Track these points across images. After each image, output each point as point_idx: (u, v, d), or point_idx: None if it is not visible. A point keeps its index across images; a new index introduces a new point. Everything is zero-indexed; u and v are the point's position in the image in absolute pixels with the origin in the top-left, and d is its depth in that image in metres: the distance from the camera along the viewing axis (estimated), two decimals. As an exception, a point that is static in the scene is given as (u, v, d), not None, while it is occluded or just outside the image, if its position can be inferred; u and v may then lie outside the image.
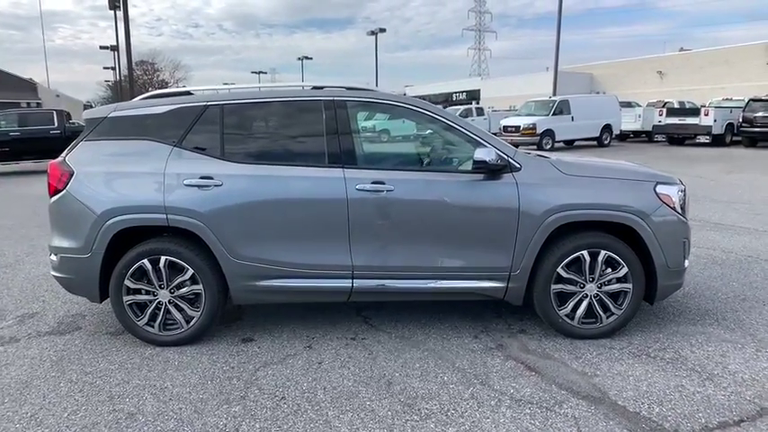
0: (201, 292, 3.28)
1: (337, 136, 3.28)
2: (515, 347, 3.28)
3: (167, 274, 3.26)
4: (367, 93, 3.43)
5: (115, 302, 3.31)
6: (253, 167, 3.25)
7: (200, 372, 3.03)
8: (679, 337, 3.37)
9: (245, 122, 3.41)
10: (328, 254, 3.25)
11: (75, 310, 4.06)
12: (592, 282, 3.30)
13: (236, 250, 3.22)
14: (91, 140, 3.35)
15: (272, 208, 3.21)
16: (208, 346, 3.35)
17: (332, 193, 3.20)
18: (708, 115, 17.88)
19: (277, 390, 2.82)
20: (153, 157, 3.27)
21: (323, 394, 2.76)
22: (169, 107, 3.36)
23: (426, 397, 2.72)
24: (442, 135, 3.51)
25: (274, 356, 3.20)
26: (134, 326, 3.33)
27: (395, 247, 3.25)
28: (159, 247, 3.24)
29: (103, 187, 3.24)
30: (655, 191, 3.29)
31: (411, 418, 2.53)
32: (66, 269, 3.33)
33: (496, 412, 2.57)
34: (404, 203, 3.22)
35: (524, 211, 3.20)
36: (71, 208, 3.26)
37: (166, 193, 3.19)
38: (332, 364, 3.09)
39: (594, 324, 3.35)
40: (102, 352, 3.30)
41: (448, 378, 2.91)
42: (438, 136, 3.59)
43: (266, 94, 3.40)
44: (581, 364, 3.04)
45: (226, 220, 3.19)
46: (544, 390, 2.77)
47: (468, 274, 3.29)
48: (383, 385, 2.84)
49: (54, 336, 3.57)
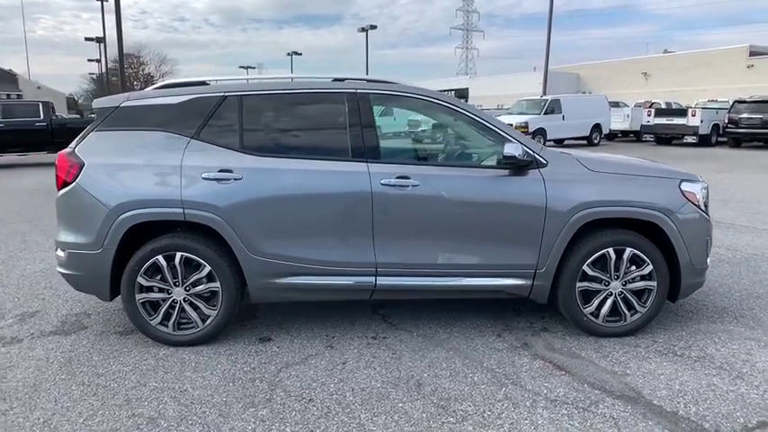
0: (218, 289, 3.16)
1: (360, 129, 3.18)
2: (541, 346, 3.23)
3: (183, 272, 3.13)
4: (390, 85, 3.34)
5: (127, 301, 3.16)
6: (274, 161, 3.13)
7: (220, 373, 2.91)
8: (702, 336, 3.35)
9: (265, 114, 3.29)
10: (351, 250, 3.15)
11: (78, 308, 3.89)
12: (617, 279, 3.26)
13: (255, 246, 3.10)
14: (102, 131, 3.20)
15: (294, 203, 3.10)
16: (225, 346, 3.23)
17: (356, 187, 3.10)
18: (695, 116, 18.16)
19: (303, 391, 2.72)
20: (169, 149, 3.13)
21: (352, 396, 2.67)
22: (185, 97, 3.22)
23: (459, 398, 2.65)
24: (466, 129, 3.43)
25: (295, 357, 3.10)
26: (147, 325, 3.19)
27: (419, 244, 3.17)
28: (175, 243, 3.10)
29: (116, 180, 3.09)
30: (680, 188, 3.27)
31: (447, 421, 2.46)
32: (75, 265, 3.17)
33: (533, 413, 2.51)
34: (430, 199, 3.14)
35: (551, 208, 3.14)
36: (81, 201, 3.11)
37: (184, 186, 3.05)
38: (356, 364, 3.00)
39: (618, 322, 3.31)
40: (112, 353, 3.16)
41: (478, 378, 2.84)
42: (462, 130, 3.51)
43: (286, 86, 3.29)
44: (609, 363, 3.00)
45: (245, 215, 3.07)
46: (577, 389, 2.72)
47: (493, 272, 3.22)
48: (413, 386, 2.76)
49: (59, 336, 3.41)
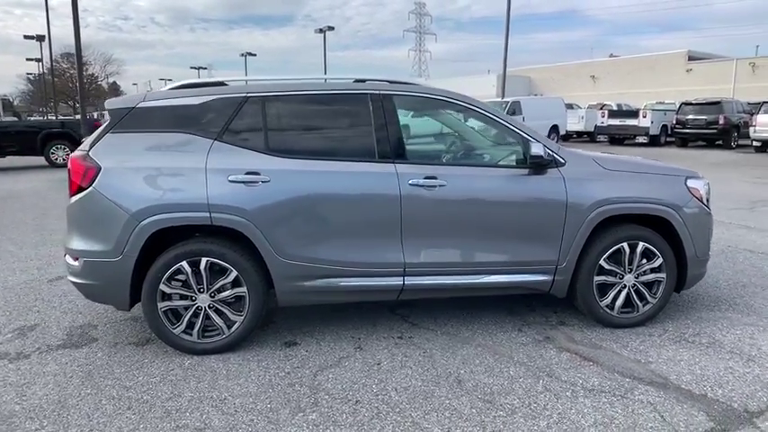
0: (245, 294, 3.09)
1: (386, 130, 3.20)
2: (562, 339, 3.35)
3: (208, 277, 3.04)
4: (412, 87, 3.37)
5: (148, 309, 3.04)
6: (301, 162, 3.10)
7: (255, 379, 2.85)
8: (706, 323, 3.57)
9: (289, 115, 3.24)
10: (380, 251, 3.16)
11: (80, 319, 3.70)
12: (630, 273, 3.43)
13: (284, 249, 3.05)
14: (117, 133, 3.06)
15: (323, 204, 3.08)
16: (251, 353, 3.16)
17: (384, 188, 3.12)
18: (645, 117, 19.19)
19: (347, 393, 2.70)
20: (191, 151, 3.04)
21: (397, 396, 2.68)
22: (206, 98, 3.13)
23: (502, 392, 2.71)
24: (487, 130, 3.51)
25: (327, 359, 3.07)
26: (169, 334, 3.07)
27: (447, 243, 3.22)
28: (200, 248, 3.01)
29: (137, 184, 2.96)
30: (686, 185, 3.47)
31: (498, 414, 2.51)
32: (91, 274, 3.02)
33: (576, 402, 2.61)
34: (456, 199, 3.19)
35: (572, 205, 3.27)
36: (98, 207, 2.96)
37: (210, 189, 2.97)
38: (391, 364, 3.01)
39: (631, 313, 3.48)
40: (133, 364, 3.03)
41: (514, 372, 2.92)
42: (484, 131, 3.59)
43: (309, 86, 3.25)
44: (631, 352, 3.15)
45: (274, 217, 3.02)
46: (609, 378, 2.84)
47: (517, 269, 3.31)
48: (454, 383, 2.80)
49: (69, 349, 3.23)
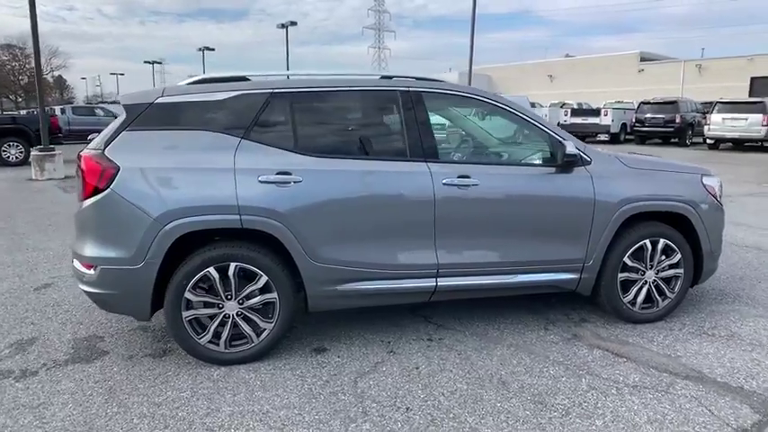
0: (276, 300, 2.95)
1: (417, 128, 3.12)
2: (589, 336, 3.37)
3: (236, 283, 2.88)
4: (440, 84, 3.30)
5: (172, 319, 2.85)
6: (333, 161, 2.98)
7: (294, 390, 2.72)
8: (719, 316, 3.68)
9: (318, 112, 3.11)
10: (413, 252, 3.08)
11: (83, 331, 3.44)
12: (651, 269, 3.49)
13: (316, 252, 2.93)
14: (134, 130, 2.84)
15: (356, 205, 2.97)
16: (281, 361, 3.02)
17: (418, 188, 3.04)
18: (607, 116, 19.88)
19: (394, 400, 2.62)
20: (218, 150, 2.86)
21: (446, 401, 2.62)
22: (229, 94, 2.96)
23: (549, 392, 2.69)
24: (516, 128, 3.49)
25: (363, 365, 2.97)
26: (195, 345, 2.89)
27: (479, 243, 3.18)
28: (229, 253, 2.84)
29: (160, 185, 2.77)
30: (702, 182, 3.56)
31: (553, 415, 2.49)
32: (109, 283, 2.80)
33: (624, 400, 2.62)
34: (489, 198, 3.15)
35: (599, 203, 3.29)
36: (117, 211, 2.75)
37: (239, 190, 2.80)
38: (429, 368, 2.94)
39: (651, 308, 3.55)
40: (156, 378, 2.83)
41: (554, 371, 2.91)
42: (512, 129, 3.56)
43: (336, 83, 3.13)
44: (659, 347, 3.21)
45: (306, 219, 2.89)
46: (647, 374, 2.88)
47: (546, 267, 3.31)
48: (499, 385, 2.76)
49: (80, 364, 2.99)
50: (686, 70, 36.38)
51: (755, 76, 32.58)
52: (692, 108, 19.97)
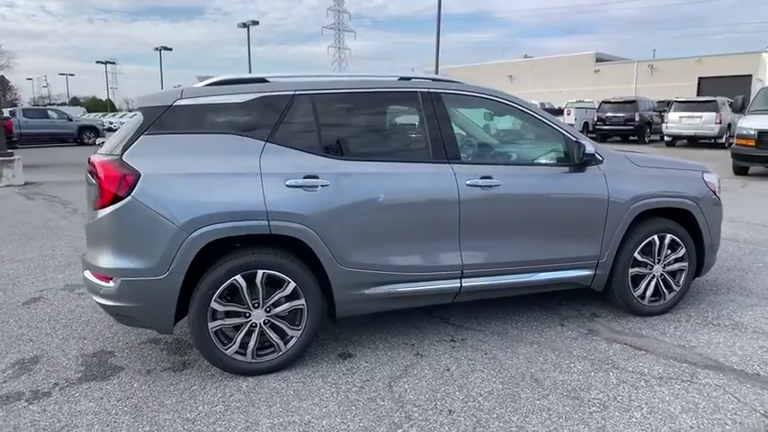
0: (303, 307, 2.88)
1: (439, 129, 3.12)
2: (604, 331, 3.46)
3: (264, 291, 2.80)
4: (458, 85, 3.31)
5: (197, 331, 2.74)
6: (359, 164, 2.93)
7: (330, 398, 2.66)
8: (719, 306, 3.86)
9: (341, 113, 3.06)
10: (438, 254, 3.08)
11: (89, 346, 3.26)
12: (658, 263, 3.62)
13: (344, 257, 2.88)
14: (153, 134, 2.72)
15: (383, 208, 2.94)
16: (308, 369, 2.95)
17: (443, 189, 3.04)
18: (570, 114, 20.52)
19: (435, 403, 2.60)
20: (242, 153, 2.77)
21: (486, 401, 2.62)
22: (251, 96, 2.87)
23: (582, 388, 2.74)
24: (531, 129, 3.53)
25: (394, 369, 2.95)
26: (221, 356, 2.79)
27: (501, 243, 3.21)
28: (256, 260, 2.76)
29: (184, 191, 2.65)
30: (703, 178, 3.72)
31: (593, 410, 2.54)
32: (130, 296, 2.66)
33: (655, 391, 2.70)
34: (511, 197, 3.18)
35: (612, 201, 3.38)
36: (139, 219, 2.62)
37: (267, 195, 2.73)
38: (460, 369, 2.95)
39: (659, 302, 3.67)
40: (183, 392, 2.71)
41: (582, 367, 2.97)
42: (528, 129, 3.60)
43: (358, 84, 3.08)
44: (672, 338, 3.33)
45: (335, 223, 2.84)
46: (668, 365, 2.98)
47: (564, 265, 3.38)
48: (532, 382, 2.79)
49: (95, 382, 2.83)
50: (639, 71, 37.94)
51: (703, 77, 34.36)
52: (649, 107, 20.87)
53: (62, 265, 5.04)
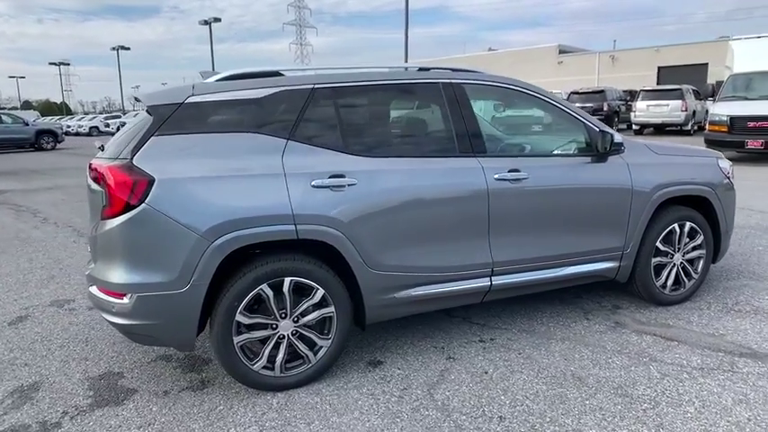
0: (333, 314, 2.70)
1: (463, 122, 2.98)
2: (631, 323, 3.41)
3: (291, 300, 2.61)
4: (478, 74, 3.17)
5: (222, 346, 2.53)
6: (385, 161, 2.77)
7: (370, 410, 2.50)
8: (734, 292, 3.87)
9: (362, 107, 2.88)
10: (469, 252, 2.95)
11: (93, 368, 2.99)
12: (678, 252, 3.59)
13: (374, 259, 2.72)
14: (164, 135, 2.48)
15: (412, 206, 2.78)
16: (339, 380, 2.78)
17: (472, 184, 2.91)
18: (541, 106, 20.72)
19: (482, 410, 2.47)
20: (263, 153, 2.56)
21: (534, 404, 2.51)
22: (269, 91, 2.66)
23: (627, 384, 2.67)
24: (554, 119, 3.42)
25: (429, 375, 2.80)
26: (247, 372, 2.59)
27: (530, 238, 3.10)
28: (284, 267, 2.56)
29: (203, 196, 2.43)
30: (718, 165, 3.71)
31: (645, 407, 2.46)
32: (147, 312, 2.43)
33: (701, 383, 2.64)
34: (538, 191, 3.08)
35: (636, 190, 3.32)
36: (155, 228, 2.38)
37: (292, 197, 2.53)
38: (498, 372, 2.83)
39: (679, 290, 3.65)
40: (210, 414, 2.50)
41: (620, 362, 2.89)
42: (551, 120, 3.50)
43: (377, 76, 2.91)
44: (700, 327, 3.30)
45: (364, 225, 2.67)
46: (705, 355, 2.94)
47: (590, 258, 3.30)
48: (576, 381, 2.70)
49: (110, 407, 2.58)
50: (601, 61, 38.78)
51: (662, 66, 35.38)
52: (616, 96, 21.30)
53: (44, 279, 4.68)
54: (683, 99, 17.56)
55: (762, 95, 10.73)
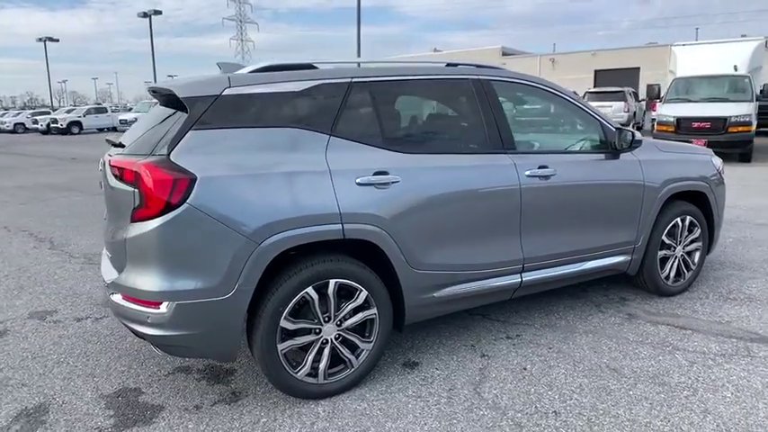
0: (375, 316, 2.61)
1: (494, 118, 2.97)
2: (642, 314, 3.53)
3: (335, 303, 2.49)
4: (502, 71, 3.17)
5: (266, 354, 2.38)
6: (425, 157, 2.70)
7: (425, 413, 2.43)
8: (724, 281, 4.10)
9: (399, 103, 2.80)
10: (503, 249, 2.95)
11: (106, 384, 2.73)
12: (679, 244, 3.77)
13: (417, 258, 2.65)
14: (202, 129, 2.29)
15: (452, 203, 2.74)
16: (380, 383, 2.69)
17: (507, 180, 2.90)
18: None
19: (533, 406, 2.47)
20: (306, 149, 2.43)
21: (584, 398, 2.54)
22: (308, 83, 2.52)
23: (661, 373, 2.75)
24: (572, 117, 3.48)
25: (470, 374, 2.77)
26: (291, 381, 2.45)
27: (557, 233, 3.14)
28: (330, 269, 2.44)
29: (249, 195, 2.27)
30: (712, 162, 3.92)
31: (685, 395, 2.54)
32: (187, 322, 2.24)
33: (727, 369, 2.77)
34: (565, 187, 3.12)
35: (647, 186, 3.45)
36: (196, 230, 2.19)
37: (339, 195, 2.42)
38: (536, 367, 2.84)
39: (679, 282, 3.83)
40: (253, 427, 2.34)
41: (646, 352, 2.99)
42: (569, 117, 3.54)
43: (412, 71, 2.83)
44: (705, 316, 3.47)
45: (407, 223, 2.60)
46: (721, 342, 3.09)
47: (608, 252, 3.39)
48: (613, 373, 2.76)
49: (138, 428, 2.36)
50: (542, 64, 40.36)
51: (598, 69, 37.29)
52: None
53: (12, 289, 4.25)
54: (626, 101, 18.58)
55: (703, 98, 11.54)
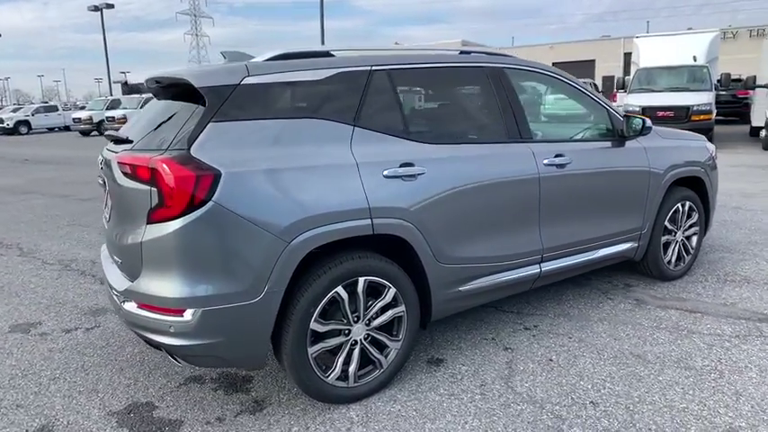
0: (403, 314, 2.51)
1: (510, 107, 2.91)
2: (649, 299, 3.57)
3: (364, 301, 2.38)
4: (514, 59, 3.10)
5: (296, 360, 2.24)
6: (448, 148, 2.61)
7: (462, 412, 2.36)
8: (719, 264, 4.20)
9: (419, 91, 2.70)
10: (524, 239, 2.90)
11: (113, 400, 2.53)
12: (680, 229, 3.83)
13: (444, 252, 2.57)
14: (222, 121, 2.12)
15: (477, 194, 2.67)
16: (409, 383, 2.60)
17: (527, 170, 2.85)
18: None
19: (569, 398, 2.43)
20: (331, 141, 2.30)
21: (616, 386, 2.52)
22: (329, 71, 2.38)
23: (683, 357, 2.77)
24: (582, 105, 3.45)
25: (498, 368, 2.71)
26: (321, 386, 2.33)
27: (572, 222, 3.12)
28: (358, 266, 2.32)
29: (276, 191, 2.12)
30: (706, 147, 4.00)
31: (712, 377, 2.57)
32: (213, 329, 2.07)
33: (745, 350, 2.82)
34: (580, 175, 3.10)
35: (653, 172, 3.48)
36: (222, 229, 2.03)
37: (367, 189, 2.30)
38: (561, 357, 2.81)
39: (679, 266, 3.90)
40: (285, 437, 2.21)
41: (664, 337, 3.01)
42: (579, 106, 3.51)
43: (430, 59, 2.73)
44: (710, 298, 3.54)
45: (433, 216, 2.51)
46: (733, 323, 3.15)
47: (618, 239, 3.41)
48: (638, 359, 2.76)
49: (158, 445, 2.19)
50: (502, 57, 40.99)
51: (556, 62, 38.13)
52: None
53: (-15, 301, 3.91)
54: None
55: (665, 87, 11.94)
